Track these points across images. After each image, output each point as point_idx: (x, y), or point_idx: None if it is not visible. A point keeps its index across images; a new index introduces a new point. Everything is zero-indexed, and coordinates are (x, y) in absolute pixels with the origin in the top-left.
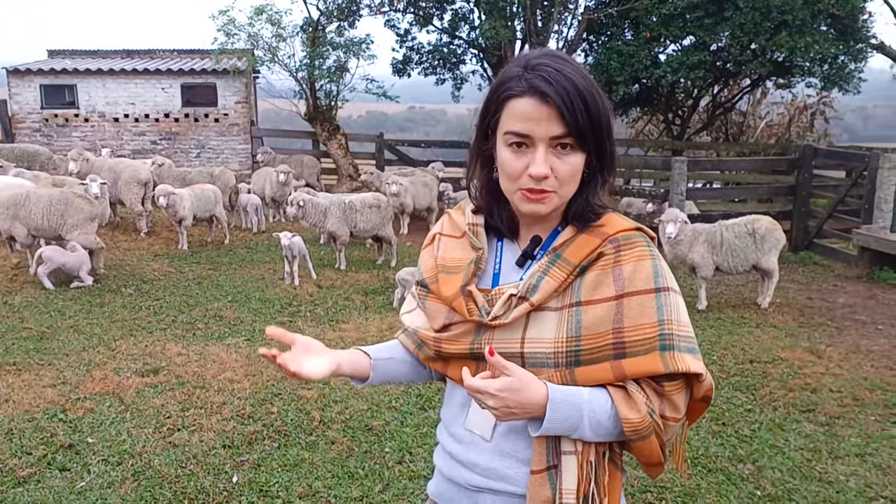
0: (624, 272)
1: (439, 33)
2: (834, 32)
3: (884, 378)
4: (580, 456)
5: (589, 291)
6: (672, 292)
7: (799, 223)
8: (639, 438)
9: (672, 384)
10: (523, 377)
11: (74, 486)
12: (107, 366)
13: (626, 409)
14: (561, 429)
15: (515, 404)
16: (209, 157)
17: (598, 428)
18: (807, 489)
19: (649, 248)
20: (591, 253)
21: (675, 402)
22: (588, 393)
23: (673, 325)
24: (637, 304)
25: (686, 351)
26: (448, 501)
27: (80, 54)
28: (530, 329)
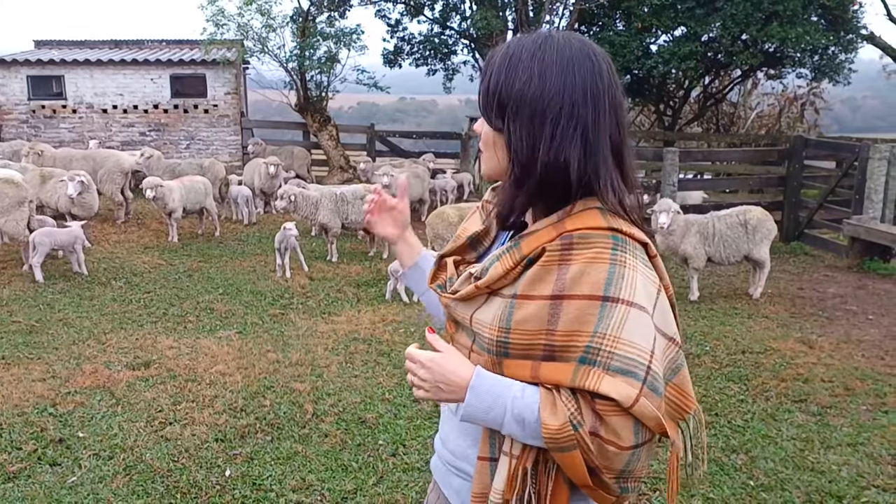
0: (568, 272)
1: (430, 23)
2: (825, 23)
3: (874, 368)
4: (514, 460)
5: (526, 286)
6: (625, 305)
7: (789, 214)
8: (557, 448)
9: (604, 403)
10: (454, 356)
11: (66, 481)
12: (97, 359)
13: (547, 412)
14: (484, 419)
15: (442, 379)
16: (199, 148)
17: (525, 427)
18: (799, 479)
19: (614, 251)
20: (535, 249)
21: (612, 425)
22: (519, 388)
23: (608, 339)
24: (576, 308)
25: (614, 370)
26: (438, 476)
27: (67, 45)
28: (480, 310)
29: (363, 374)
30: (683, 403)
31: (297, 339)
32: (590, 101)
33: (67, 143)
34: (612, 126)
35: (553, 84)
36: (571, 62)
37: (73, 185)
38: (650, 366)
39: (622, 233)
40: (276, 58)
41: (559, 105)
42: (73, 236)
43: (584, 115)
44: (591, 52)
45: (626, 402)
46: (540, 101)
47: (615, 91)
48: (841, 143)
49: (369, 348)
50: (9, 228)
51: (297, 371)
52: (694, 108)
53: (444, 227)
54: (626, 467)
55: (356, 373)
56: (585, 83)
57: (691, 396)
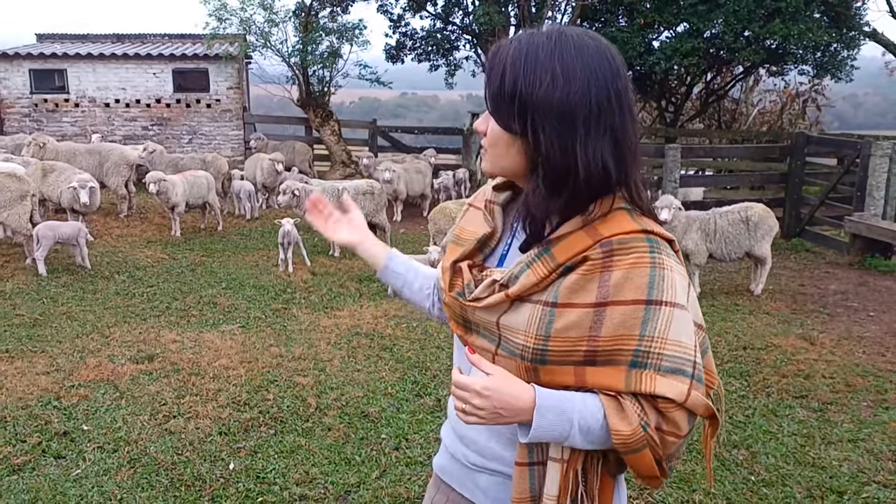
0: (611, 279)
1: (433, 19)
2: (827, 20)
3: (875, 364)
4: (566, 465)
5: (567, 294)
6: (668, 306)
7: (791, 210)
8: (629, 451)
9: (664, 401)
10: (508, 378)
11: (70, 474)
12: (101, 353)
13: (616, 420)
14: (550, 436)
15: (501, 404)
16: (201, 143)
17: (588, 435)
18: (800, 474)
19: (652, 254)
20: (577, 255)
21: (673, 419)
22: (580, 400)
23: (656, 341)
24: (620, 314)
25: (665, 370)
26: (449, 477)
27: (69, 38)
28: (504, 317)
29: (365, 368)
30: (709, 381)
31: (300, 333)
32: (614, 101)
33: (70, 137)
34: (631, 125)
35: (578, 85)
36: (592, 62)
37: (84, 193)
38: (695, 360)
39: (654, 233)
40: (278, 52)
41: (587, 107)
42: (76, 229)
43: (611, 116)
44: (607, 50)
45: (681, 399)
46: (567, 104)
47: (630, 91)
48: (843, 140)
49: (372, 343)
50: (11, 222)
51: (300, 365)
52: (696, 104)
53: (445, 222)
54: (676, 452)
55: (359, 367)
56: (608, 83)
57: (715, 374)
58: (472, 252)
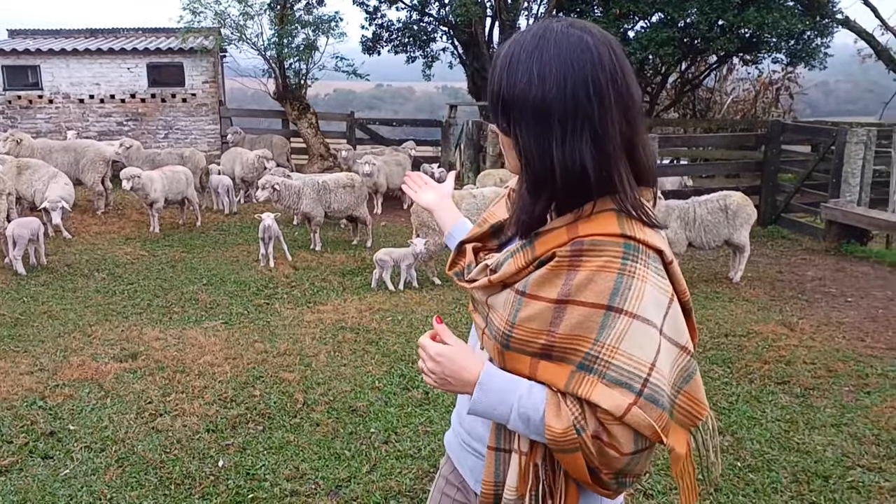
0: (575, 278)
1: (409, 10)
2: (801, 8)
3: (856, 349)
4: (525, 457)
5: (533, 286)
6: (628, 316)
7: (767, 198)
8: (559, 450)
9: (605, 413)
10: (463, 350)
11: (58, 474)
12: (84, 351)
13: (551, 415)
14: (491, 415)
15: (450, 373)
16: (177, 137)
17: (529, 425)
18: (785, 459)
19: (624, 260)
20: (549, 250)
21: (613, 432)
22: (527, 387)
23: (606, 349)
24: (579, 315)
25: (609, 380)
26: (451, 452)
27: (42, 34)
28: (493, 296)
29: (352, 362)
30: (696, 411)
31: (284, 328)
32: (593, 96)
33: (44, 134)
34: (621, 118)
35: (553, 85)
36: (569, 58)
37: (56, 215)
38: (648, 378)
39: (635, 240)
40: (254, 46)
41: (563, 107)
42: (39, 225)
43: (589, 113)
44: (590, 41)
45: (617, 412)
46: (542, 103)
47: (620, 78)
48: (818, 127)
49: (357, 337)
50: None
51: (286, 361)
52: (671, 94)
53: (428, 215)
54: (625, 468)
55: (345, 361)
56: (586, 78)
57: (703, 403)
58: (485, 236)
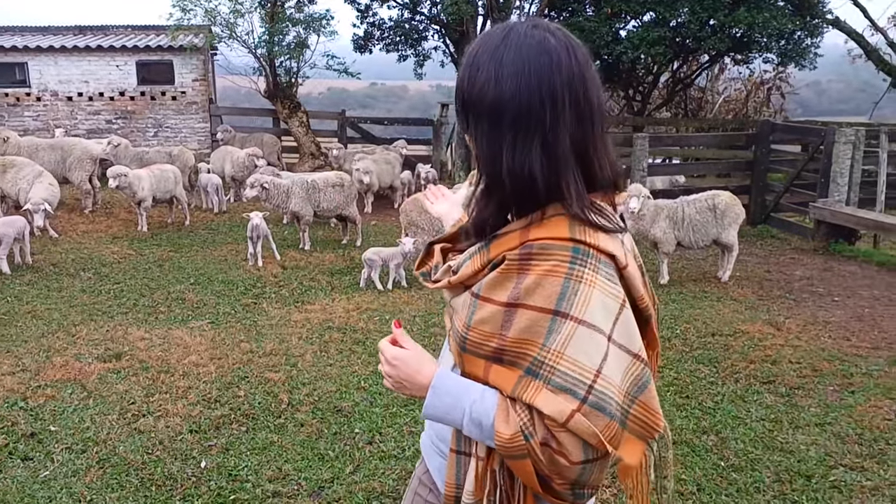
0: (524, 282)
1: (400, 9)
2: (791, 8)
3: (841, 349)
4: (482, 462)
5: (486, 289)
6: (574, 322)
7: (757, 197)
8: (508, 456)
9: (551, 420)
10: (418, 355)
11: (38, 476)
12: (67, 352)
13: (500, 420)
14: (444, 419)
15: (405, 376)
16: (167, 136)
17: (481, 430)
18: (769, 459)
19: (571, 265)
20: (502, 253)
21: (560, 440)
22: (479, 392)
23: (552, 354)
24: (527, 319)
25: (556, 386)
26: (424, 453)
27: (30, 31)
28: (455, 298)
29: (338, 362)
30: (652, 421)
31: (271, 328)
32: (547, 101)
33: (32, 132)
34: (574, 124)
35: (508, 88)
36: (527, 60)
37: (38, 217)
38: (593, 385)
39: (585, 244)
40: (244, 44)
41: (515, 110)
42: (24, 224)
43: (541, 118)
44: (551, 43)
45: (560, 418)
46: (497, 106)
47: (578, 83)
48: (807, 127)
49: (344, 337)
50: None
51: (272, 361)
52: (663, 93)
53: (418, 213)
54: (578, 479)
55: (331, 361)
56: (541, 83)
57: (659, 414)
58: (453, 237)
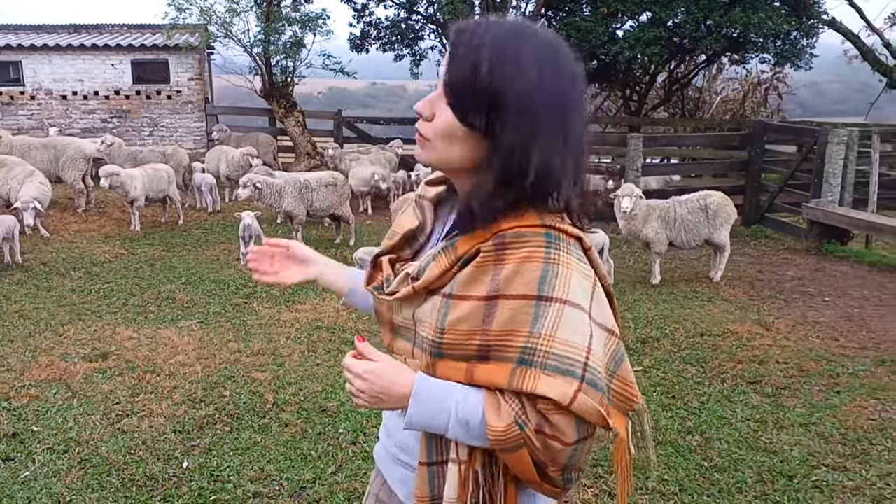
0: (502, 273)
1: (397, 8)
2: (787, 9)
3: (829, 349)
4: (465, 466)
5: (461, 286)
6: (559, 303)
7: (751, 198)
8: (504, 450)
9: (545, 403)
10: (390, 365)
11: (18, 476)
12: (53, 351)
13: (492, 415)
14: (428, 426)
15: (381, 389)
16: (162, 135)
17: (469, 430)
18: (752, 459)
19: (547, 249)
20: (473, 247)
21: (556, 423)
22: (461, 392)
23: (543, 339)
24: (510, 308)
25: (551, 369)
26: (380, 465)
27: (24, 29)
28: (420, 308)
29: (325, 362)
30: (630, 394)
31: (260, 328)
32: (575, 105)
33: (26, 131)
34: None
35: (554, 87)
36: (561, 62)
37: (28, 216)
38: (587, 362)
39: (555, 228)
40: (240, 43)
41: (556, 110)
42: (14, 222)
43: (570, 120)
44: (562, 42)
45: (564, 401)
46: (541, 104)
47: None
48: (801, 127)
49: (333, 337)
50: None
51: (259, 360)
52: (660, 93)
53: None
54: (569, 461)
55: (318, 361)
56: (574, 86)
57: (635, 386)
58: (397, 246)
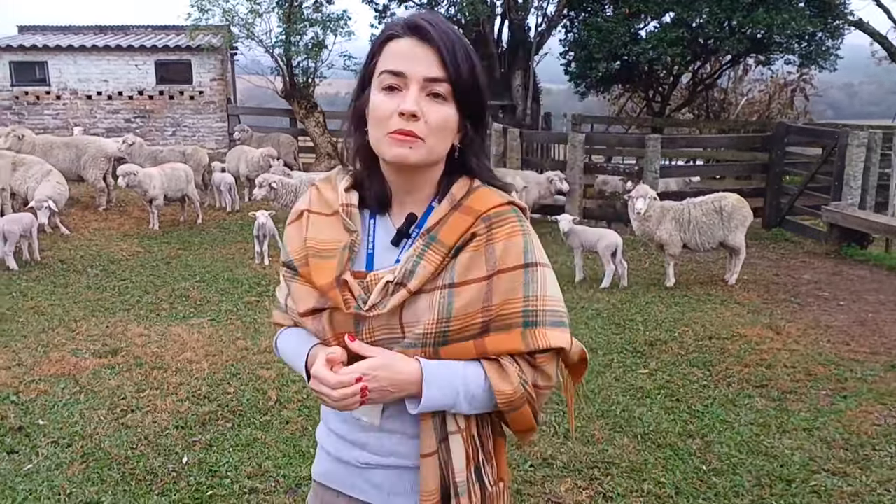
0: (496, 250)
1: (418, 8)
2: (812, 9)
3: (838, 353)
4: (464, 433)
5: (462, 273)
6: (541, 267)
7: (771, 200)
8: (512, 409)
9: (543, 356)
10: (387, 356)
11: (21, 469)
12: (65, 347)
13: (499, 381)
14: (438, 405)
15: (388, 382)
16: (185, 135)
17: (473, 401)
18: (752, 463)
19: (521, 222)
20: (465, 233)
21: (547, 372)
22: (462, 367)
23: (539, 300)
24: (507, 280)
25: (551, 325)
26: (335, 480)
27: (51, 30)
28: (406, 313)
29: None
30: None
31: (269, 326)
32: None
33: (51, 130)
34: None
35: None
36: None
37: (42, 214)
38: (564, 310)
39: (514, 203)
40: (261, 44)
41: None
42: (32, 221)
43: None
44: None
45: (568, 346)
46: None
47: None
48: (822, 129)
49: None
50: None
51: (265, 358)
52: (684, 94)
53: None
54: (543, 403)
55: None
56: None
57: None
58: (347, 261)
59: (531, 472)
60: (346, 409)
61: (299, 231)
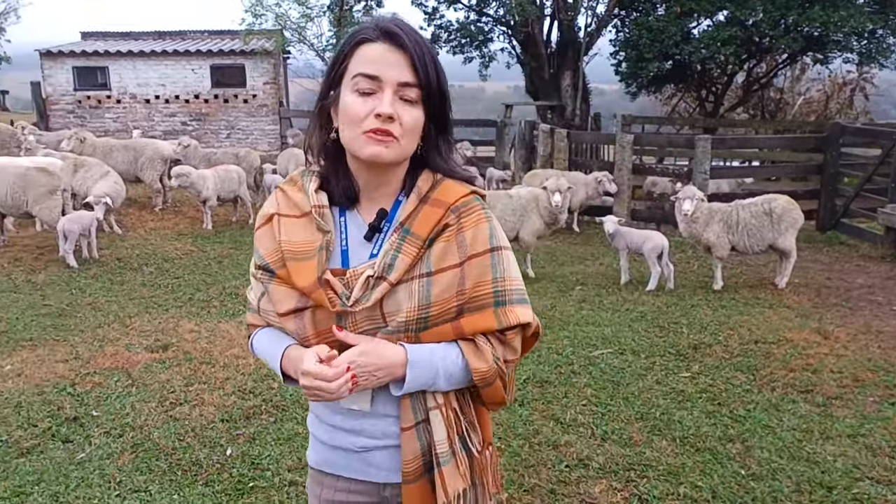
0: (466, 238)
1: (467, 11)
2: (873, 6)
3: (888, 359)
4: (444, 408)
5: (437, 262)
6: (504, 250)
7: (826, 202)
8: (486, 385)
9: (512, 332)
10: (371, 342)
11: (75, 458)
12: (119, 342)
13: (475, 360)
14: (420, 385)
15: (375, 367)
16: (239, 137)
17: (451, 379)
18: (792, 469)
19: (484, 210)
20: (437, 225)
21: (514, 346)
22: (441, 349)
23: (506, 281)
24: (477, 265)
25: (518, 302)
26: (335, 467)
27: (112, 36)
28: (386, 303)
29: None
30: None
31: None
32: None
33: (112, 133)
34: None
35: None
36: None
37: (99, 210)
38: (524, 288)
39: (477, 193)
40: (312, 47)
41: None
42: (91, 219)
43: None
44: None
45: (533, 322)
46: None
47: None
48: (879, 129)
49: None
50: (43, 216)
51: None
52: (738, 93)
53: None
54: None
55: None
56: None
57: None
58: (326, 261)
59: (566, 472)
60: (338, 399)
61: (271, 234)
